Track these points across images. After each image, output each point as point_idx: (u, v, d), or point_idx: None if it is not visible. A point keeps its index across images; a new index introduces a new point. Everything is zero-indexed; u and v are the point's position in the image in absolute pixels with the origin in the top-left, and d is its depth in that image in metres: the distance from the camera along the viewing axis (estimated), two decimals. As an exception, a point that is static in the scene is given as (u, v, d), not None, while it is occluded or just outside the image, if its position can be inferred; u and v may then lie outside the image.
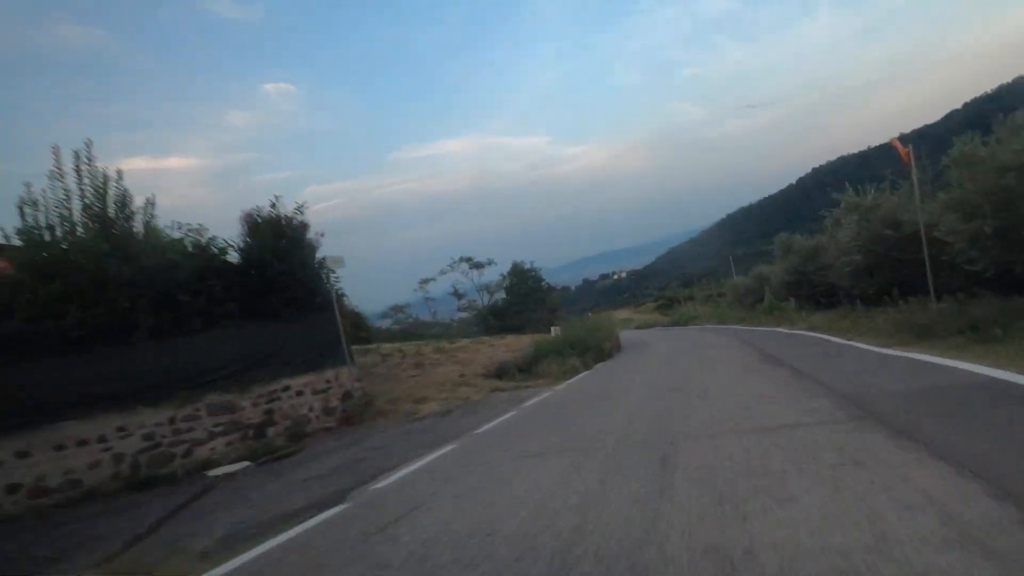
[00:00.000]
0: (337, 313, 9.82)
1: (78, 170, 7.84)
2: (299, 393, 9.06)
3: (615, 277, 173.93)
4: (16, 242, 7.45)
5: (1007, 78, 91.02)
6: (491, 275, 31.77)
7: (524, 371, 13.10)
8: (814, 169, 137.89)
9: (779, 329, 16.14)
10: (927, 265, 8.99)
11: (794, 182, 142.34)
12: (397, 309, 32.88)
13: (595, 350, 14.33)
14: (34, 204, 7.56)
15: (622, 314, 66.25)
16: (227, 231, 9.12)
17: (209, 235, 8.70)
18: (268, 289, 8.79)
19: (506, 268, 30.41)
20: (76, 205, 7.83)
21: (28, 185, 7.53)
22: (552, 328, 19.44)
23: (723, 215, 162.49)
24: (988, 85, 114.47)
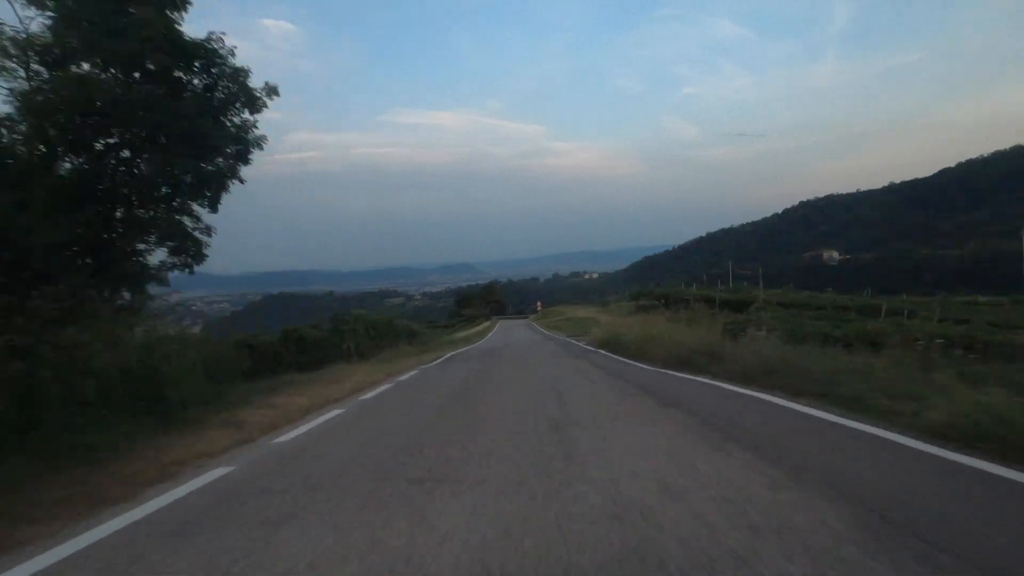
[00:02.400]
0: None
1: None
2: None
3: (586, 276, 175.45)
4: None
5: (1005, 145, 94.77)
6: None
7: None
8: (801, 203, 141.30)
9: None
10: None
11: (779, 212, 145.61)
12: None
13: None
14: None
15: (582, 311, 53.54)
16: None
17: None
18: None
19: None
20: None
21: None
22: None
23: (703, 233, 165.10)
24: (983, 150, 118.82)
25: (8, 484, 3.59)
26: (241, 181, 10.08)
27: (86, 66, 8.75)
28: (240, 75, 9.68)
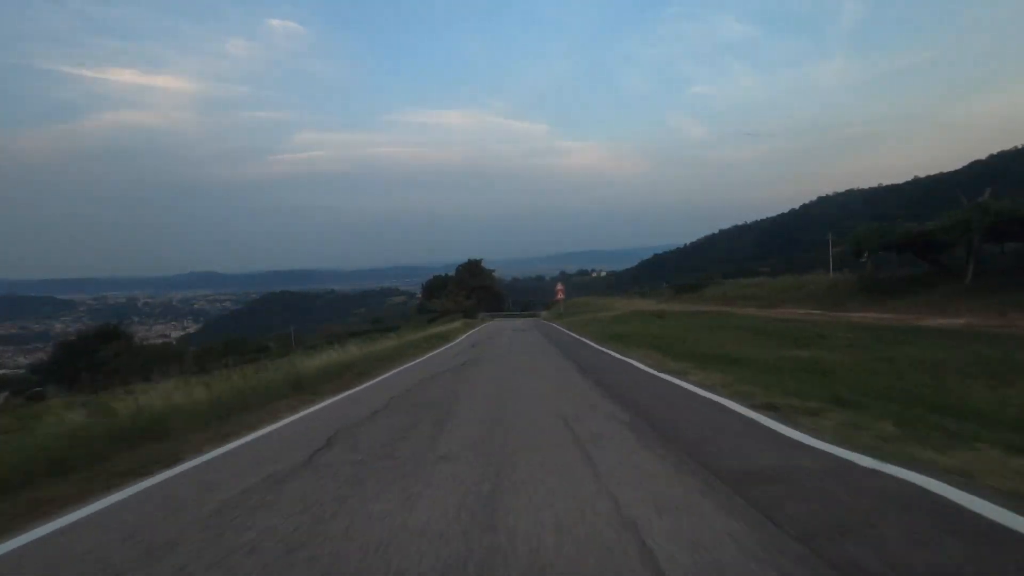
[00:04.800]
0: None
1: None
2: None
3: (593, 275, 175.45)
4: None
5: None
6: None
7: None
8: (820, 198, 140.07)
9: None
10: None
11: (797, 207, 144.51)
12: None
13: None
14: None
15: (639, 303, 39.41)
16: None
17: None
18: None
19: None
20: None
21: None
22: None
23: (715, 230, 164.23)
24: (1017, 141, 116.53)
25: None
26: None
27: None
28: None
